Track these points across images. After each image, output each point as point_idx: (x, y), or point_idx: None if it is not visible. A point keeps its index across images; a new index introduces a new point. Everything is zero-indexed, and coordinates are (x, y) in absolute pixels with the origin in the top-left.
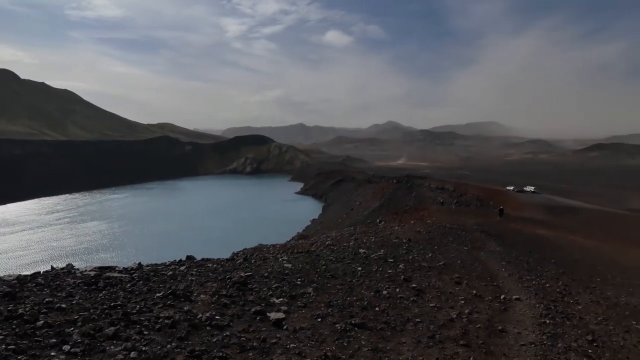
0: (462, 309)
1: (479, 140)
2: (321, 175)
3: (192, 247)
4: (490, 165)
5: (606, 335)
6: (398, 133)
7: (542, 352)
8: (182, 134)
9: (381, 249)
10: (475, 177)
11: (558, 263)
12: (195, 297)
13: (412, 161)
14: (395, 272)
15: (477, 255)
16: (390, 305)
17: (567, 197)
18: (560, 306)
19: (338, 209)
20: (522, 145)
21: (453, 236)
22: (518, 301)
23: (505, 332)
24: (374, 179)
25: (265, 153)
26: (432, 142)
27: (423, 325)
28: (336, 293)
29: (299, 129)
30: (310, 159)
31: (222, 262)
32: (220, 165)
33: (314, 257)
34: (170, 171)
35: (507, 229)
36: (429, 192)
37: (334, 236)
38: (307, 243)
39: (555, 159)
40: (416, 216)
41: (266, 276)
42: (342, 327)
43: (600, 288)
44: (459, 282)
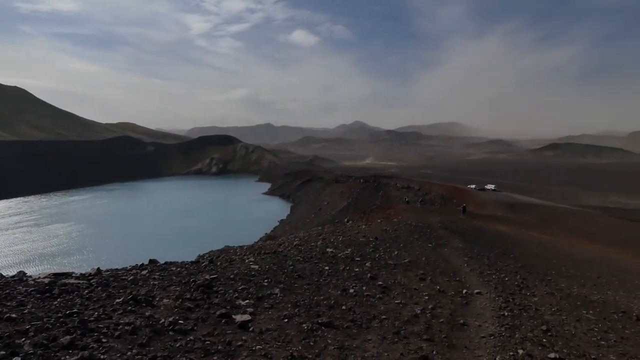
0: (426, 305)
1: (442, 140)
2: (289, 176)
3: (156, 250)
4: (453, 164)
5: (559, 324)
6: (365, 133)
7: (500, 343)
8: (144, 134)
9: (348, 248)
10: (438, 176)
11: (516, 258)
12: (158, 302)
13: (378, 161)
14: (362, 271)
15: (441, 252)
16: (356, 304)
17: (525, 194)
18: (518, 299)
19: (306, 209)
20: (482, 145)
21: (418, 234)
22: (479, 295)
23: (466, 325)
24: (342, 179)
25: (232, 153)
26: (398, 142)
27: (388, 321)
28: (303, 293)
29: (266, 129)
30: (278, 159)
31: (186, 265)
32: (185, 166)
33: (281, 258)
34: (132, 172)
35: (470, 226)
36: (395, 191)
37: (302, 236)
38: (275, 244)
39: (514, 158)
40: (383, 215)
41: (232, 278)
42: (308, 326)
43: (555, 280)
44: (424, 279)
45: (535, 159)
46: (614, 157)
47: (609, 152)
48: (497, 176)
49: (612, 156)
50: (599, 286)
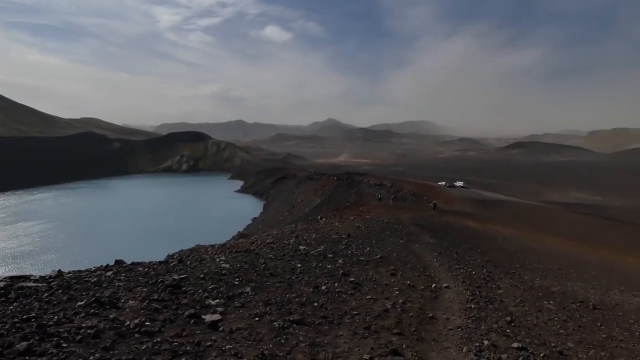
0: (396, 299)
1: (413, 138)
2: (262, 173)
3: (123, 251)
4: (424, 162)
5: (522, 315)
6: (338, 131)
7: (467, 334)
8: (110, 130)
9: (321, 245)
10: (410, 173)
11: (483, 252)
12: (123, 304)
13: (352, 158)
14: (334, 267)
15: (411, 248)
16: (328, 300)
17: (492, 191)
18: (484, 291)
19: (279, 206)
20: (452, 143)
21: (390, 230)
22: (447, 289)
23: (435, 318)
24: (315, 176)
25: (203, 150)
26: (371, 139)
27: (359, 317)
28: (275, 291)
29: (238, 126)
30: (251, 157)
31: (154, 265)
32: (153, 164)
33: (253, 256)
34: (98, 170)
35: (439, 221)
36: (368, 189)
37: (274, 234)
38: (248, 242)
39: (482, 156)
40: (356, 212)
41: (202, 278)
42: (280, 324)
43: (518, 273)
44: (395, 274)
45: (502, 156)
46: (574, 155)
47: (570, 150)
48: (466, 173)
49: (572, 154)
50: (560, 278)
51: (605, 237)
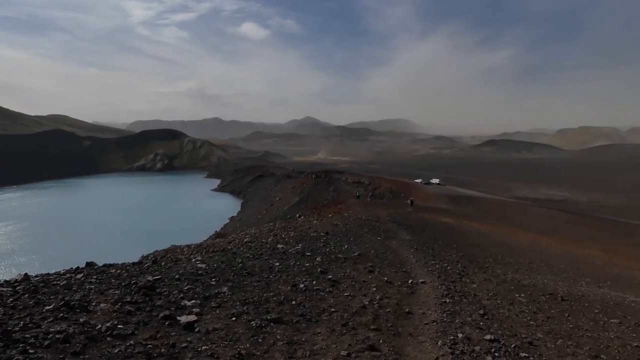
0: (373, 296)
1: (390, 136)
2: (239, 171)
3: (95, 252)
4: (401, 159)
5: (495, 308)
6: (316, 128)
7: (442, 328)
8: (80, 128)
9: (299, 243)
10: (388, 171)
11: (458, 247)
12: (94, 307)
13: (330, 156)
14: (312, 265)
15: (389, 245)
16: (306, 298)
17: (466, 187)
18: (459, 286)
19: (257, 205)
20: (428, 141)
21: (368, 227)
22: (424, 284)
23: (411, 313)
24: (294, 174)
25: (178, 148)
26: (348, 137)
27: (337, 314)
28: (252, 290)
29: (215, 123)
30: (228, 155)
31: (127, 266)
32: (126, 162)
33: (230, 256)
34: (67, 169)
35: (416, 218)
36: (346, 186)
37: (252, 233)
38: (225, 241)
39: (456, 153)
40: (334, 210)
41: (177, 278)
42: (257, 324)
43: (492, 267)
44: (372, 271)
45: (476, 154)
46: (543, 153)
47: (540, 148)
48: (441, 171)
49: (542, 151)
50: (530, 271)
51: (573, 231)
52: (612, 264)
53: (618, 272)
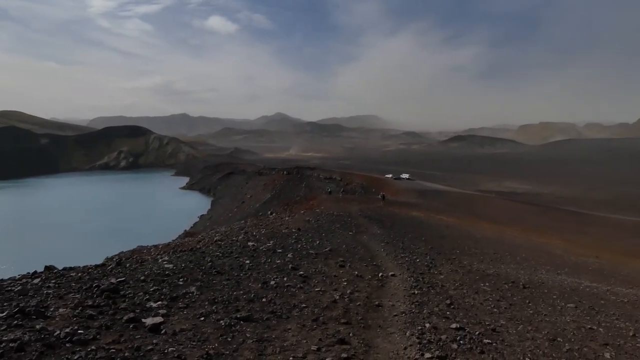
0: (344, 290)
1: (361, 132)
2: (209, 169)
3: (55, 256)
4: (372, 155)
5: (461, 297)
6: (287, 125)
7: (410, 319)
8: (36, 125)
9: (270, 241)
10: (359, 166)
11: (427, 240)
12: (52, 313)
13: (301, 152)
14: (283, 262)
15: (360, 239)
16: (277, 295)
17: (435, 182)
18: (427, 277)
19: (228, 203)
20: (398, 137)
21: (340, 223)
22: (393, 277)
23: (381, 306)
24: (265, 171)
25: (143, 146)
26: (320, 133)
27: (308, 309)
28: (222, 289)
29: (182, 120)
30: (196, 152)
31: (89, 269)
32: (88, 161)
33: (198, 255)
34: (23, 168)
35: (387, 213)
36: (318, 182)
37: (223, 231)
38: (194, 240)
39: (425, 149)
40: (306, 206)
41: (142, 280)
42: (226, 322)
43: (458, 258)
44: (343, 265)
45: (443, 149)
46: (507, 148)
47: (503, 143)
48: (411, 166)
49: (505, 146)
50: (495, 261)
51: (535, 222)
52: (570, 252)
53: (575, 259)
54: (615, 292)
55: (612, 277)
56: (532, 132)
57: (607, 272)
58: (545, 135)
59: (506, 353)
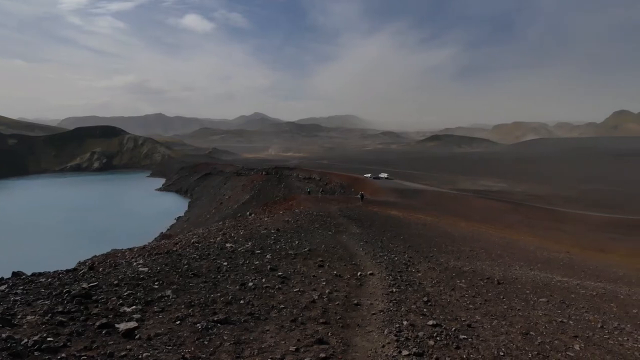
0: (323, 290)
1: (340, 132)
2: (185, 169)
3: (25, 261)
4: (351, 155)
5: (438, 295)
6: (265, 124)
7: (388, 317)
8: (2, 125)
9: (249, 242)
10: (338, 166)
11: (405, 239)
12: (20, 320)
13: (280, 152)
14: (262, 263)
15: (339, 239)
16: (255, 296)
17: (413, 181)
18: (405, 276)
19: (206, 204)
20: (376, 136)
21: (319, 223)
22: (372, 276)
23: (360, 305)
24: (243, 172)
25: (117, 146)
26: (299, 133)
27: (287, 310)
28: (199, 292)
29: (158, 119)
30: (173, 152)
31: (59, 274)
32: (59, 162)
33: (175, 257)
34: None
35: (366, 212)
36: (297, 182)
37: (200, 233)
38: (171, 243)
39: (403, 148)
40: (285, 206)
41: (116, 284)
42: (203, 325)
43: (435, 256)
44: (322, 265)
45: (421, 149)
46: (482, 147)
47: (479, 142)
48: (389, 165)
49: (480, 146)
50: (471, 258)
51: (509, 219)
52: (543, 248)
53: (547, 255)
54: (584, 285)
55: (581, 271)
56: (506, 132)
57: (577, 267)
58: (518, 134)
59: (481, 348)
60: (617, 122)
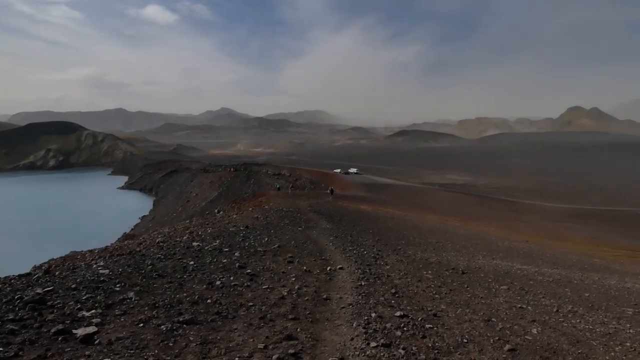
0: (292, 286)
1: (309, 127)
2: (150, 167)
3: None
4: (320, 150)
5: (405, 286)
6: (233, 120)
7: (357, 310)
8: None
9: (217, 239)
10: (308, 162)
11: (374, 232)
12: None
13: (249, 148)
14: (230, 261)
15: (309, 234)
16: (223, 295)
17: (381, 175)
18: (374, 269)
19: (172, 202)
20: (345, 132)
21: (289, 219)
22: (341, 270)
23: (329, 299)
24: (211, 168)
25: (75, 143)
26: (267, 129)
27: (255, 308)
28: (163, 293)
29: (118, 115)
30: (135, 149)
31: (11, 280)
32: (9, 160)
33: (138, 258)
34: None
35: (336, 207)
36: (266, 179)
37: (166, 232)
38: (135, 243)
39: (372, 143)
40: (255, 203)
41: (74, 288)
42: (168, 327)
43: (404, 249)
44: (292, 261)
45: (389, 144)
46: (447, 142)
47: (444, 137)
48: (358, 160)
49: (446, 140)
50: (437, 249)
51: (474, 211)
52: (504, 238)
53: (508, 244)
54: (542, 272)
55: (539, 259)
56: (470, 127)
57: (536, 255)
58: (481, 129)
59: (446, 336)
60: (571, 117)
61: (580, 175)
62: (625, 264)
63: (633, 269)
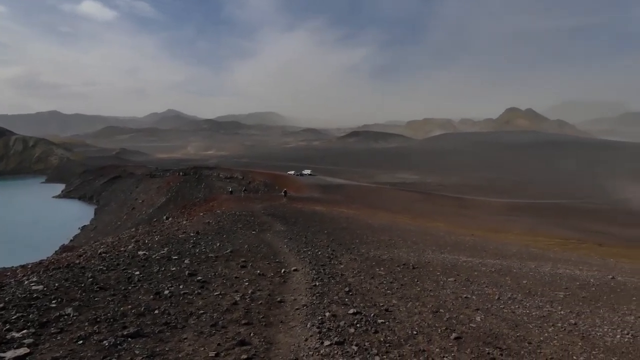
0: (245, 291)
1: (260, 129)
2: (89, 173)
3: None
4: (273, 152)
5: (359, 284)
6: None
7: (311, 311)
8: None
9: (165, 247)
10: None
11: (329, 233)
12: None
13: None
14: (179, 269)
15: (263, 237)
16: (171, 305)
17: (335, 176)
18: (328, 269)
19: (116, 210)
20: (297, 133)
21: (242, 223)
22: (296, 272)
23: (283, 301)
24: (158, 173)
25: (2, 149)
26: (217, 131)
27: (206, 315)
28: (106, 306)
29: (52, 118)
30: (73, 154)
31: None
32: None
33: (77, 271)
34: None
35: (290, 209)
36: (218, 182)
37: (109, 242)
38: (74, 255)
39: (324, 145)
40: (206, 208)
41: (2, 308)
42: (111, 342)
43: (357, 247)
44: (245, 266)
45: (341, 145)
46: (397, 142)
47: (394, 138)
48: (312, 162)
49: (395, 141)
50: (389, 247)
51: (423, 208)
52: (452, 232)
53: (455, 239)
54: (485, 263)
55: (483, 251)
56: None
57: (480, 247)
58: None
59: (397, 329)
60: (509, 117)
61: (519, 172)
62: (558, 252)
63: (565, 256)
